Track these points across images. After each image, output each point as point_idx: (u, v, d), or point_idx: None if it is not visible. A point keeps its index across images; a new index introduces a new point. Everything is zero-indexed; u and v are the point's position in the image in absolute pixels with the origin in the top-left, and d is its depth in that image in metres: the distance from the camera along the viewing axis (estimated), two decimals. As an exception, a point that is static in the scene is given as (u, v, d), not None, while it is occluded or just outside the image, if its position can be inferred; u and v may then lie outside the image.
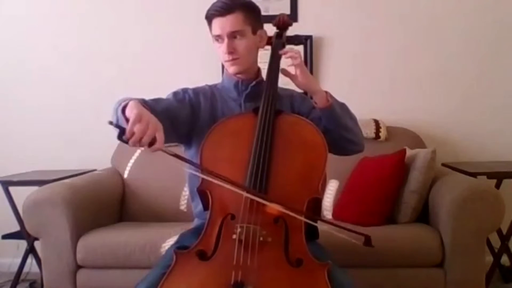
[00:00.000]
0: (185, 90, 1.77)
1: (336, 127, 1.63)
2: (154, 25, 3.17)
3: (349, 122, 1.67)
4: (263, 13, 1.75)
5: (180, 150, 1.80)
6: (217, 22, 1.64)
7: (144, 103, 1.54)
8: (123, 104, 1.41)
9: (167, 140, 1.68)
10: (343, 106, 1.68)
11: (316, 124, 1.65)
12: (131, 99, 1.43)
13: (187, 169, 1.60)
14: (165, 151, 1.35)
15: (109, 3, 3.19)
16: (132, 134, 1.29)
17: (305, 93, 1.80)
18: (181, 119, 1.69)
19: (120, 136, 1.31)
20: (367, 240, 1.45)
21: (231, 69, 1.70)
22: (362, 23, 3.08)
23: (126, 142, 1.32)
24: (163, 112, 1.60)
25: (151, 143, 1.32)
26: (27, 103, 3.24)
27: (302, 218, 1.41)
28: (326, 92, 1.64)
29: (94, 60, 3.21)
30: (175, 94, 1.75)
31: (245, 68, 1.71)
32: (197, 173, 1.48)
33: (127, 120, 1.33)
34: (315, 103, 1.64)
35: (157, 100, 1.65)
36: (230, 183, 1.40)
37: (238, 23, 1.63)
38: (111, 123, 1.31)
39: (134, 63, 3.19)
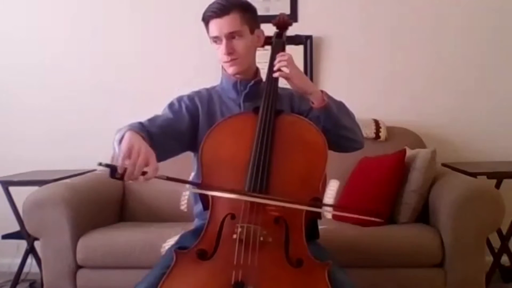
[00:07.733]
0: (180, 99, 1.76)
1: (334, 126, 1.62)
2: (154, 25, 3.17)
3: (347, 120, 1.66)
4: (263, 13, 1.75)
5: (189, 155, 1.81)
6: (214, 23, 1.64)
7: (141, 126, 1.56)
8: (119, 137, 1.43)
9: (175, 154, 1.70)
10: (340, 104, 1.67)
11: (315, 123, 1.65)
12: (128, 129, 1.44)
13: (191, 190, 1.61)
14: (158, 177, 1.34)
15: (108, 4, 3.19)
16: (125, 169, 1.29)
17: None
18: (182, 130, 1.70)
19: (113, 174, 1.28)
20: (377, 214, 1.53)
21: (230, 69, 1.70)
22: (362, 23, 3.08)
23: (120, 178, 1.29)
24: (161, 130, 1.62)
25: (144, 172, 1.31)
26: (27, 103, 3.23)
27: (304, 207, 1.41)
28: (322, 91, 1.63)
29: (94, 60, 3.20)
30: (170, 106, 1.74)
31: (244, 68, 1.71)
32: (197, 190, 1.50)
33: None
34: (312, 103, 1.64)
35: (153, 119, 1.66)
36: (230, 192, 1.40)
37: (235, 23, 1.63)
38: (100, 164, 1.27)
39: (134, 63, 3.18)
